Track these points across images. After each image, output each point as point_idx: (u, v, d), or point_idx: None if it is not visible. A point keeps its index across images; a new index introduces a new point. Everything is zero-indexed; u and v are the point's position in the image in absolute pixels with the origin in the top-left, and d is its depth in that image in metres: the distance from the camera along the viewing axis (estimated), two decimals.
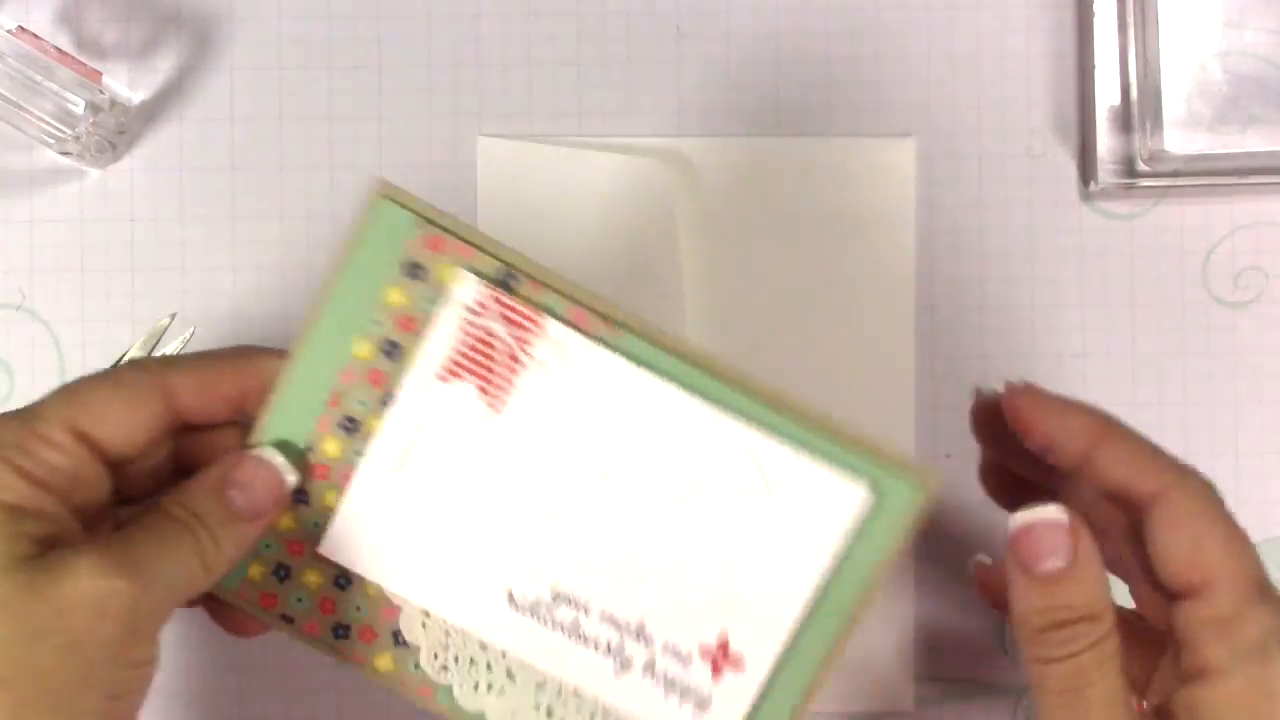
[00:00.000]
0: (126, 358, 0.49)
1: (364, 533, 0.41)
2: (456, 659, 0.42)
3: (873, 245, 0.51)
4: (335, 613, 0.42)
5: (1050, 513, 0.38)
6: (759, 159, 0.51)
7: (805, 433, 0.40)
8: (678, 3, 0.51)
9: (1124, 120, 0.50)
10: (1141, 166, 0.49)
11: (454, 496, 0.41)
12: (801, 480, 0.40)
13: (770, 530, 0.41)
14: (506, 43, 0.50)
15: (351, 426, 0.41)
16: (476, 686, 0.42)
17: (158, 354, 0.50)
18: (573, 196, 0.50)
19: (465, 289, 0.40)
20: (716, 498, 0.41)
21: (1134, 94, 0.49)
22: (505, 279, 0.40)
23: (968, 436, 0.50)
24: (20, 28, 0.47)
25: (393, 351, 0.41)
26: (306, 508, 0.41)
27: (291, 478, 0.40)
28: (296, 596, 0.42)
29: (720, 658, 0.41)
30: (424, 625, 0.42)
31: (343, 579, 0.42)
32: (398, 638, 0.42)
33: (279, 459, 0.40)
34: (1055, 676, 0.37)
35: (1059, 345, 0.50)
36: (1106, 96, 0.50)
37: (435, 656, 0.42)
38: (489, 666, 0.42)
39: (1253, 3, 0.50)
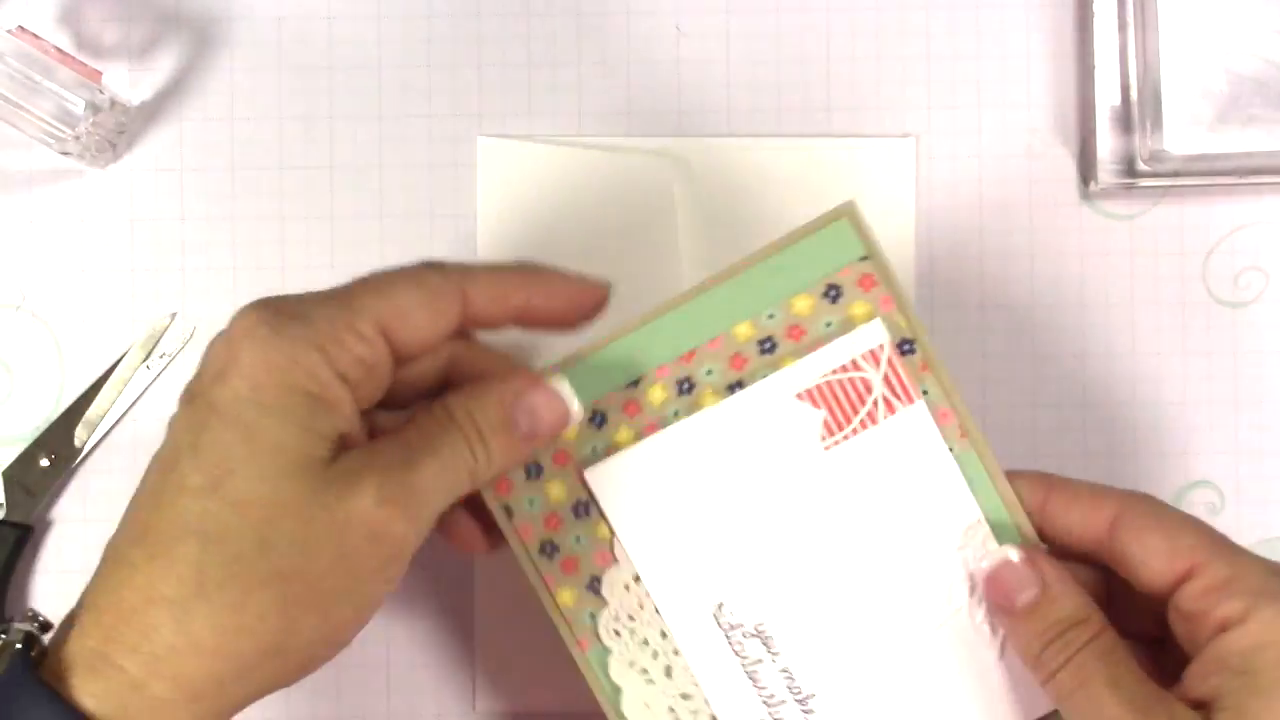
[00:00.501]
0: (126, 358, 0.50)
1: (633, 482, 0.42)
2: (632, 632, 0.42)
3: None
4: (556, 531, 0.42)
5: (1004, 552, 0.41)
6: (759, 159, 0.51)
7: None
8: (678, 3, 0.51)
9: (1124, 120, 0.50)
10: (1141, 166, 0.49)
11: (733, 499, 0.42)
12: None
13: (976, 695, 0.42)
14: (506, 43, 0.50)
15: (687, 389, 0.42)
16: (632, 664, 0.42)
17: (158, 354, 0.50)
18: (573, 196, 0.50)
19: (871, 334, 0.41)
20: (949, 645, 0.42)
21: (1134, 94, 0.49)
22: (905, 345, 0.42)
23: None
24: (20, 28, 0.47)
25: (768, 347, 0.42)
26: (596, 431, 0.42)
27: (576, 411, 0.40)
28: (531, 498, 0.42)
29: None
30: (626, 588, 0.42)
31: (583, 508, 0.42)
32: (594, 585, 0.42)
33: (575, 401, 0.40)
34: (1063, 682, 0.38)
35: (1059, 345, 0.50)
36: (1106, 96, 0.50)
37: (616, 619, 0.42)
38: (655, 654, 0.42)
39: (1253, 3, 0.50)
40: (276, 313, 0.37)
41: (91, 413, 0.49)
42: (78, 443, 0.49)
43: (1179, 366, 0.50)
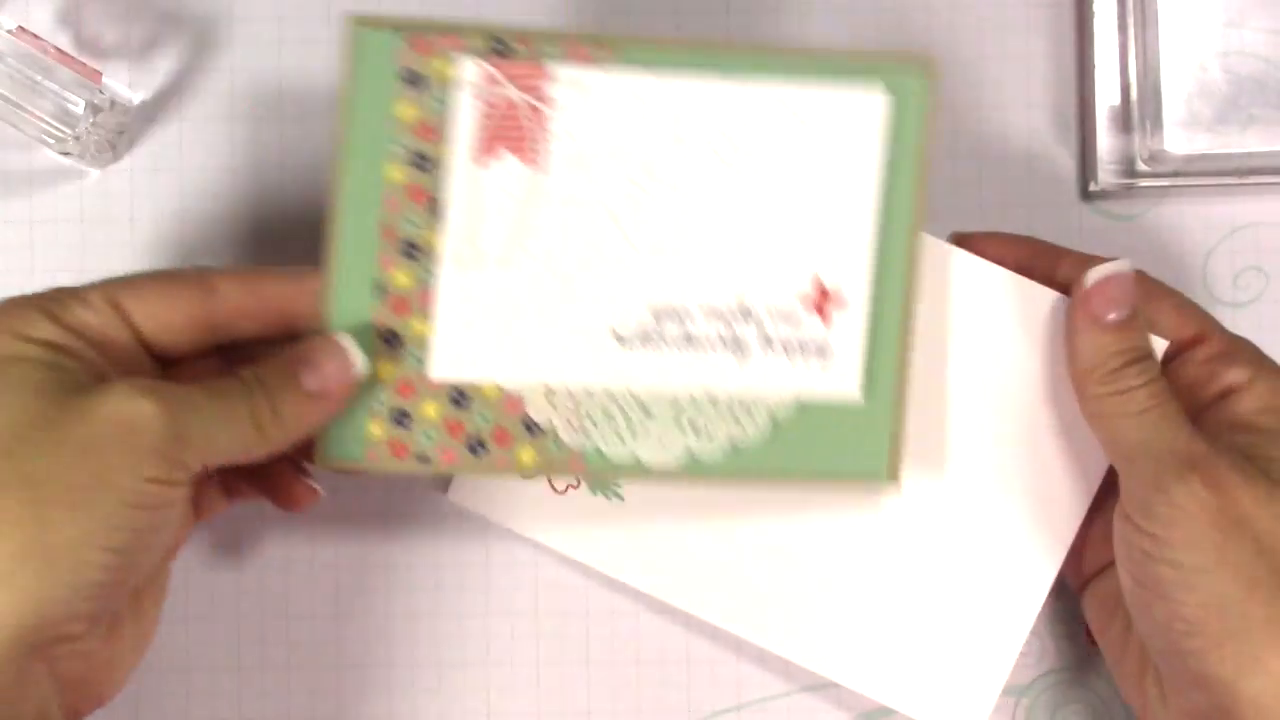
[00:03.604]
0: None
1: (463, 341, 0.43)
2: (590, 418, 0.44)
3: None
4: (465, 431, 0.43)
5: (1121, 266, 0.43)
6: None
7: (813, 66, 0.43)
8: (677, 3, 0.51)
9: (1124, 120, 0.50)
10: (1141, 166, 0.49)
11: (532, 267, 0.43)
12: (829, 108, 0.43)
13: (819, 164, 0.43)
14: None
15: (412, 251, 0.43)
16: (619, 435, 0.44)
17: None
18: None
19: (469, 71, 0.42)
20: (765, 157, 0.43)
21: (1134, 94, 0.49)
22: (498, 49, 0.42)
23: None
24: (20, 28, 0.47)
25: (423, 163, 0.42)
26: (400, 347, 0.43)
27: (360, 364, 0.42)
28: (424, 433, 0.43)
29: (823, 300, 0.44)
30: (550, 403, 0.43)
31: (458, 396, 0.43)
32: (530, 427, 0.44)
33: (352, 345, 0.42)
34: (1139, 398, 0.41)
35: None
36: (1106, 96, 0.50)
37: (571, 426, 0.44)
38: (624, 411, 0.44)
39: (1253, 3, 0.50)
40: (5, 296, 0.40)
41: None
42: None
43: None
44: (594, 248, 0.43)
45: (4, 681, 0.35)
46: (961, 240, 0.47)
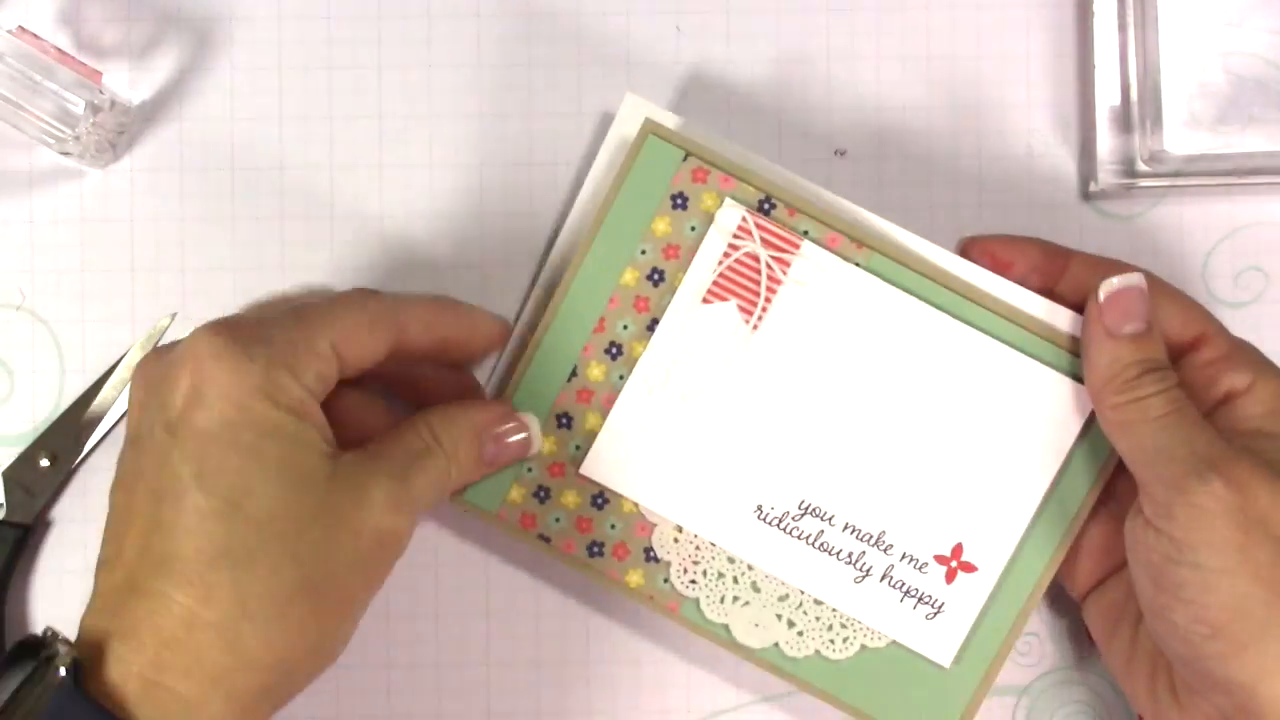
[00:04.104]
0: (126, 358, 0.50)
1: (624, 453, 0.44)
2: (705, 573, 0.45)
3: None
4: (591, 531, 0.45)
5: (1134, 279, 0.42)
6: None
7: (1042, 343, 0.44)
8: (678, 3, 0.51)
9: (1124, 120, 0.50)
10: (1141, 166, 0.49)
11: (711, 414, 0.44)
12: (1039, 387, 0.44)
13: (1008, 436, 0.44)
14: (506, 43, 0.50)
15: (616, 352, 0.44)
16: (723, 599, 0.45)
17: None
18: None
19: (729, 216, 0.43)
20: (960, 407, 0.44)
21: (1134, 94, 0.49)
22: (764, 205, 0.44)
23: None
24: (20, 28, 0.47)
25: (657, 278, 0.44)
26: (568, 431, 0.45)
27: (537, 446, 0.44)
28: (555, 516, 0.45)
29: (954, 565, 0.44)
30: (676, 541, 0.45)
31: (600, 499, 0.45)
32: (649, 554, 0.45)
33: (536, 428, 0.44)
34: (1156, 404, 0.41)
35: None
36: (1106, 96, 0.50)
37: (685, 571, 0.45)
38: (735, 580, 0.45)
39: (1253, 3, 0.50)
40: (236, 336, 0.39)
41: (91, 413, 0.49)
42: (78, 443, 0.49)
43: None
44: (771, 421, 0.44)
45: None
46: (971, 243, 0.47)
